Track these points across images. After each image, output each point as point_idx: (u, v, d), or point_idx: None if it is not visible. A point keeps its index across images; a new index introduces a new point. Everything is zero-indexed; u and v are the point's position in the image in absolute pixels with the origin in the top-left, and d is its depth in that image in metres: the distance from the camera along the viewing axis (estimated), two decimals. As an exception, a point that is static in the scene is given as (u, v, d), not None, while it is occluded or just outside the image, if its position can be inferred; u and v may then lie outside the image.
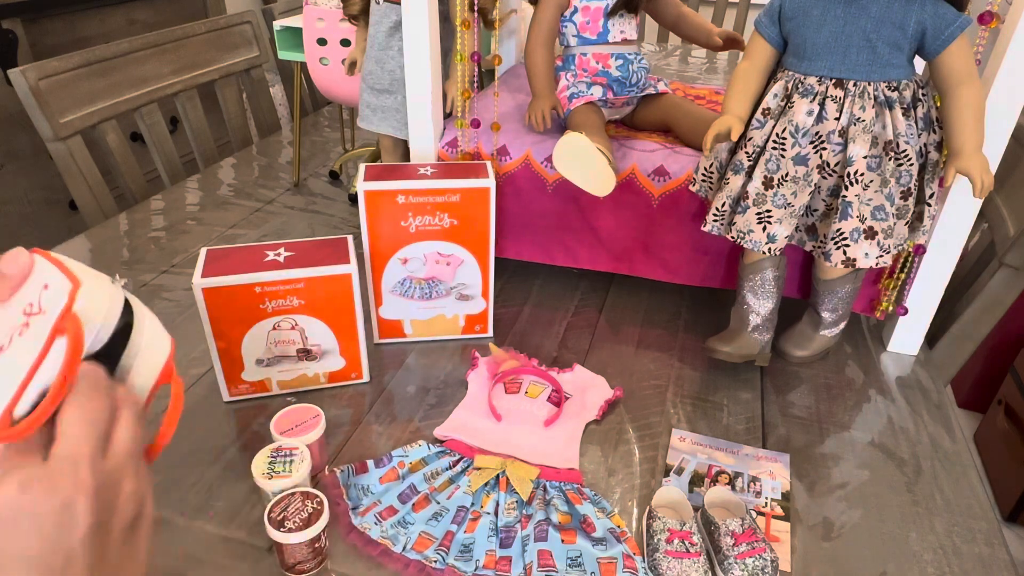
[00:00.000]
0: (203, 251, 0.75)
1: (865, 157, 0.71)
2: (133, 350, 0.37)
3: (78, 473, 0.32)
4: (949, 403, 0.84)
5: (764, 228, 0.76)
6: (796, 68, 0.75)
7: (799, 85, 0.74)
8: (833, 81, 0.72)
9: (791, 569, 0.62)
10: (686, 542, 0.60)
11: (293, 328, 0.76)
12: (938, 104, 0.74)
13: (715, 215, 0.80)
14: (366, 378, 0.82)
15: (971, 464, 0.74)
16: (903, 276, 0.86)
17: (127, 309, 0.37)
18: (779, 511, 0.67)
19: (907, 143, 0.71)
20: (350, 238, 0.79)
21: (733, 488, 0.69)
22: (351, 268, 0.74)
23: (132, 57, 1.34)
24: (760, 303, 0.82)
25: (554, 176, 0.92)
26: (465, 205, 0.82)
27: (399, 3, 0.91)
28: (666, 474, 0.71)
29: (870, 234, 0.73)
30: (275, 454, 0.63)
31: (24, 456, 0.32)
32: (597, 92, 0.92)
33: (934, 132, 0.74)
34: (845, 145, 0.73)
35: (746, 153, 0.77)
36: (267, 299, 0.73)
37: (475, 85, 0.90)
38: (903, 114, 0.71)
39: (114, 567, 0.34)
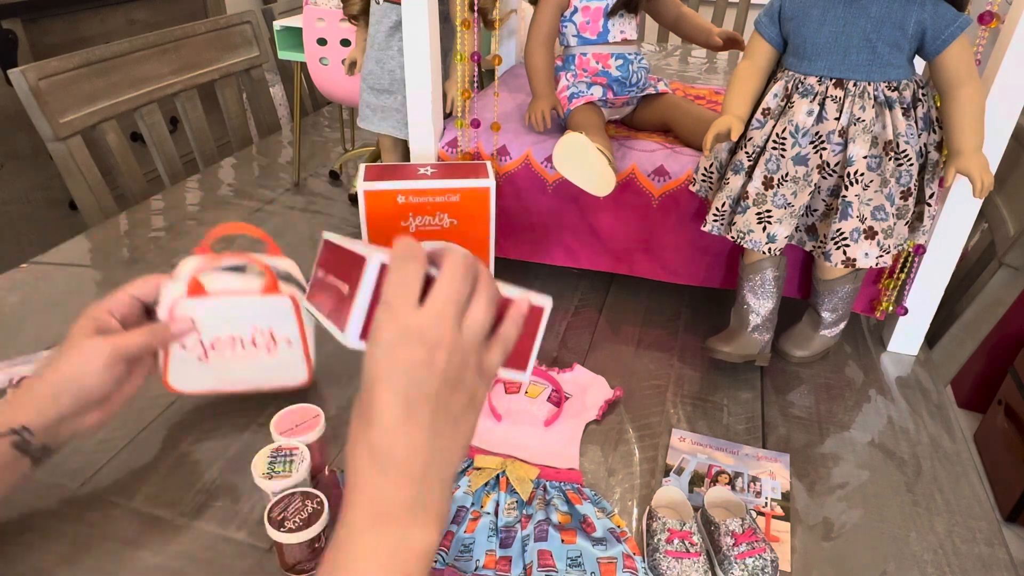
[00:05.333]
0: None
1: (865, 157, 0.71)
2: None
3: (441, 330, 0.39)
4: (949, 403, 0.84)
5: (764, 228, 0.76)
6: (796, 68, 0.75)
7: (799, 85, 0.74)
8: (833, 81, 0.72)
9: (791, 569, 0.62)
10: (686, 542, 0.60)
11: None
12: (938, 104, 0.74)
13: (715, 215, 0.80)
14: None
15: (971, 464, 0.74)
16: (903, 276, 0.86)
17: None
18: (779, 511, 0.67)
19: (907, 143, 0.71)
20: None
21: (733, 488, 0.69)
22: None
23: (132, 57, 1.34)
24: (760, 303, 0.82)
25: (554, 176, 0.92)
26: (465, 205, 0.82)
27: (399, 3, 0.91)
28: (666, 474, 0.71)
29: (870, 234, 0.73)
30: (275, 454, 0.63)
31: (403, 306, 0.40)
32: (597, 92, 0.92)
33: (934, 132, 0.74)
34: (845, 145, 0.73)
35: (746, 153, 0.77)
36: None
37: (475, 85, 0.90)
38: (903, 114, 0.71)
39: (446, 433, 0.40)
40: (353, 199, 1.29)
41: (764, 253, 0.78)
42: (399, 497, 0.38)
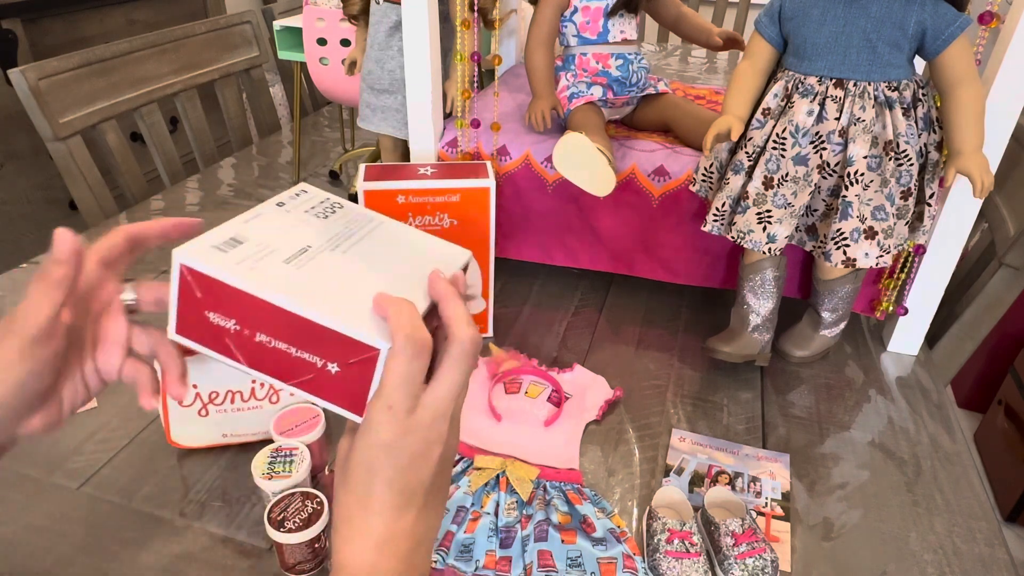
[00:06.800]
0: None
1: (865, 157, 0.71)
2: None
3: (440, 428, 0.40)
4: (949, 403, 0.84)
5: (764, 228, 0.76)
6: (796, 68, 0.75)
7: (799, 85, 0.74)
8: (833, 81, 0.72)
9: (791, 569, 0.62)
10: (686, 542, 0.60)
11: None
12: (938, 104, 0.74)
13: (715, 215, 0.80)
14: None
15: (971, 464, 0.74)
16: (903, 276, 0.86)
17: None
18: (779, 511, 0.67)
19: (907, 143, 0.71)
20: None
21: (733, 488, 0.69)
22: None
23: (132, 57, 1.34)
24: (760, 303, 0.82)
25: (554, 176, 0.92)
26: (465, 205, 0.82)
27: (399, 3, 0.91)
28: (666, 474, 0.71)
29: (870, 234, 0.73)
30: (275, 454, 0.63)
31: (404, 408, 0.39)
32: (597, 92, 0.92)
33: (934, 132, 0.74)
34: (845, 145, 0.73)
35: (746, 153, 0.77)
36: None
37: (475, 85, 0.90)
38: (903, 114, 0.71)
39: (435, 505, 0.43)
40: (353, 199, 1.29)
41: (764, 253, 0.78)
42: (389, 568, 0.41)
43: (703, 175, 0.84)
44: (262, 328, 0.40)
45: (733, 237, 0.78)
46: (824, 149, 0.74)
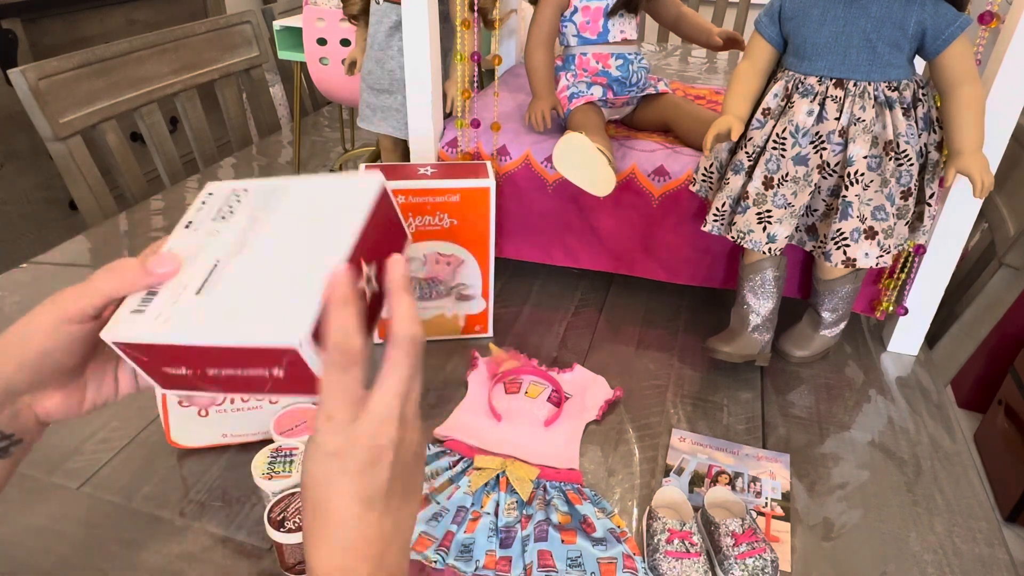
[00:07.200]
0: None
1: (865, 157, 0.71)
2: None
3: (389, 432, 0.39)
4: (949, 403, 0.84)
5: (764, 228, 0.76)
6: (796, 68, 0.75)
7: (799, 85, 0.74)
8: (833, 81, 0.72)
9: (791, 569, 0.62)
10: (686, 542, 0.60)
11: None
12: (938, 104, 0.74)
13: (715, 215, 0.80)
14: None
15: (971, 464, 0.74)
16: (903, 276, 0.86)
17: None
18: (779, 511, 0.67)
19: (907, 143, 0.71)
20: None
21: (733, 488, 0.69)
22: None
23: (132, 57, 1.34)
24: (760, 303, 0.82)
25: (554, 176, 0.92)
26: (465, 205, 0.82)
27: (399, 3, 0.91)
28: (666, 474, 0.71)
29: (870, 234, 0.73)
30: (275, 454, 0.63)
31: (346, 418, 0.38)
32: (597, 92, 0.92)
33: (934, 132, 0.74)
34: (845, 145, 0.73)
35: (746, 153, 0.77)
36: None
37: (475, 85, 0.90)
38: (903, 114, 0.71)
39: (401, 505, 0.41)
40: (353, 199, 1.29)
41: (764, 253, 0.78)
42: (361, 570, 0.40)
43: (703, 175, 0.84)
44: (206, 364, 0.41)
45: (733, 237, 0.78)
46: (824, 149, 0.74)
